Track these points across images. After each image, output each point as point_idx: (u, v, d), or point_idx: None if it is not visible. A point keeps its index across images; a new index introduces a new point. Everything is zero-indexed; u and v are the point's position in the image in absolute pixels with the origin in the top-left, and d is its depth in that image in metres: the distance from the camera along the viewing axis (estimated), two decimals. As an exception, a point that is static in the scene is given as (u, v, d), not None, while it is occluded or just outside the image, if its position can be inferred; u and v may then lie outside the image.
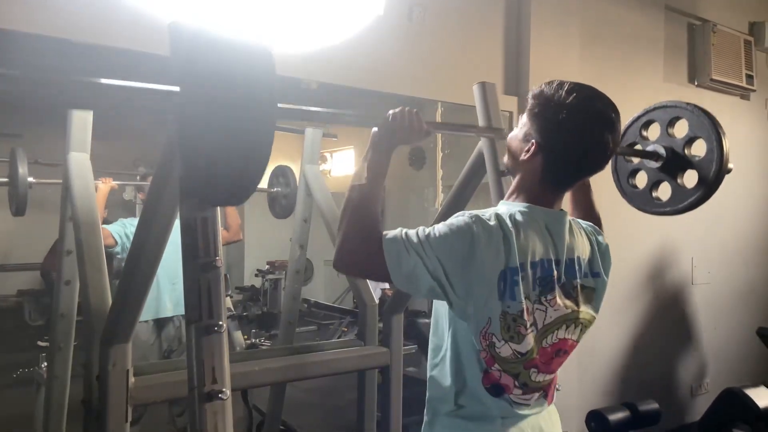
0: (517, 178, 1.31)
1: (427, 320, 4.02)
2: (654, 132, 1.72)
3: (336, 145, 9.19)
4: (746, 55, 4.08)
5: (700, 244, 4.10)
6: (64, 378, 2.35)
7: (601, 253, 1.36)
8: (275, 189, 3.45)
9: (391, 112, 1.28)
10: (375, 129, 1.28)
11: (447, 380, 1.26)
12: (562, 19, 3.21)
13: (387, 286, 6.07)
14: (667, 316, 3.96)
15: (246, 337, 4.55)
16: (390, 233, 1.17)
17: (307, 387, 4.77)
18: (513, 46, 3.16)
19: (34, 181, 2.82)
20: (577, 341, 1.32)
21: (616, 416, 2.96)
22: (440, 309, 1.30)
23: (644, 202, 1.77)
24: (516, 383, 1.23)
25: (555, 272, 1.23)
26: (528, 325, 1.19)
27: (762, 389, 3.10)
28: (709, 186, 1.58)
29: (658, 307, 3.89)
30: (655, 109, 1.72)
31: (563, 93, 1.20)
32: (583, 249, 1.31)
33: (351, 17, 2.15)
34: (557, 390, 1.43)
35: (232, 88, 0.91)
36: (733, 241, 4.31)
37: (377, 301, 2.26)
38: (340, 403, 4.64)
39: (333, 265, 1.21)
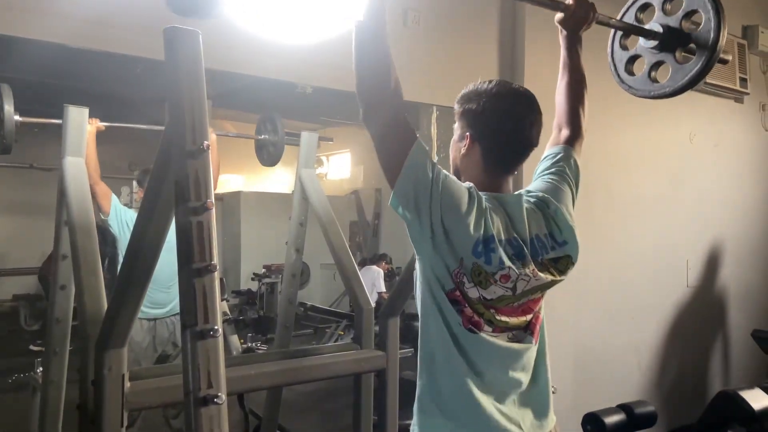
0: (464, 173, 1.40)
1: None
2: (650, 16, 1.71)
3: (332, 148, 9.21)
4: (740, 58, 4.10)
5: (695, 247, 4.12)
6: (59, 383, 2.34)
7: (555, 220, 1.40)
8: (263, 136, 3.45)
9: None
10: None
11: (433, 335, 1.31)
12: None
13: (383, 290, 6.07)
14: (662, 319, 3.97)
15: (242, 341, 4.55)
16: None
17: (303, 391, 4.76)
18: (508, 49, 3.17)
19: (20, 119, 2.67)
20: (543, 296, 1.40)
21: (611, 419, 2.96)
22: (418, 283, 1.35)
23: (643, 86, 1.74)
24: (483, 320, 1.30)
25: (525, 249, 1.31)
26: (498, 279, 1.26)
27: (757, 391, 3.10)
28: (709, 53, 1.56)
29: (653, 310, 3.91)
30: None
31: (480, 85, 1.37)
32: (539, 226, 1.37)
33: (345, 21, 2.15)
34: (553, 392, 1.44)
35: None
36: (728, 244, 4.33)
37: (373, 305, 2.26)
38: (337, 407, 4.63)
39: (363, 117, 1.26)
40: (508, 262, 1.26)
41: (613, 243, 3.63)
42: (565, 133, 1.57)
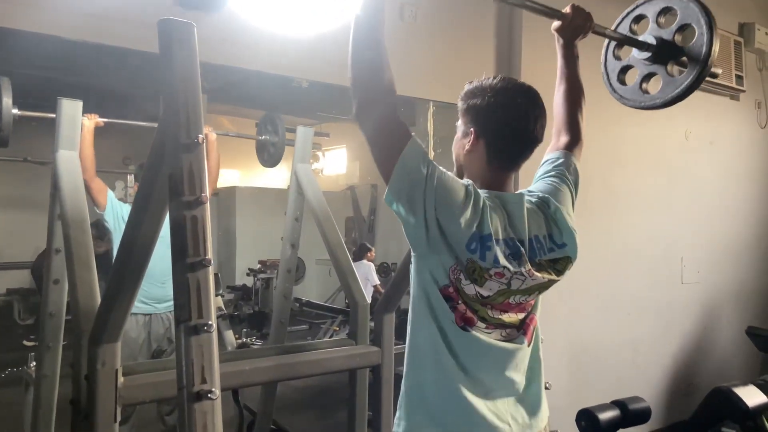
0: (468, 170, 1.39)
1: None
2: (644, 27, 1.73)
3: (328, 143, 9.18)
4: (736, 56, 4.10)
5: (689, 244, 4.12)
6: (53, 378, 2.33)
7: (556, 221, 1.40)
8: (263, 137, 3.44)
9: None
10: None
11: (423, 334, 1.31)
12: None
13: (378, 282, 6.06)
14: (657, 316, 3.98)
15: (237, 336, 4.53)
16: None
17: (298, 386, 4.76)
18: (504, 44, 3.16)
19: (18, 113, 2.69)
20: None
21: (606, 415, 2.97)
22: (414, 276, 1.34)
23: (634, 96, 1.77)
24: (476, 317, 1.30)
25: (522, 249, 1.30)
26: (492, 275, 1.26)
27: (751, 388, 3.11)
28: (700, 67, 1.59)
29: (648, 307, 3.91)
30: (644, 3, 1.73)
31: (485, 81, 1.36)
32: (539, 227, 1.37)
33: (342, 15, 2.14)
34: (547, 388, 1.44)
35: None
36: (723, 241, 4.34)
37: (369, 299, 2.26)
38: (332, 402, 4.63)
39: (356, 113, 1.26)
40: (503, 261, 1.25)
41: (609, 240, 3.63)
42: (565, 139, 1.58)
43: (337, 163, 9.80)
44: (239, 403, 3.48)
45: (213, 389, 0.99)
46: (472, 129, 1.36)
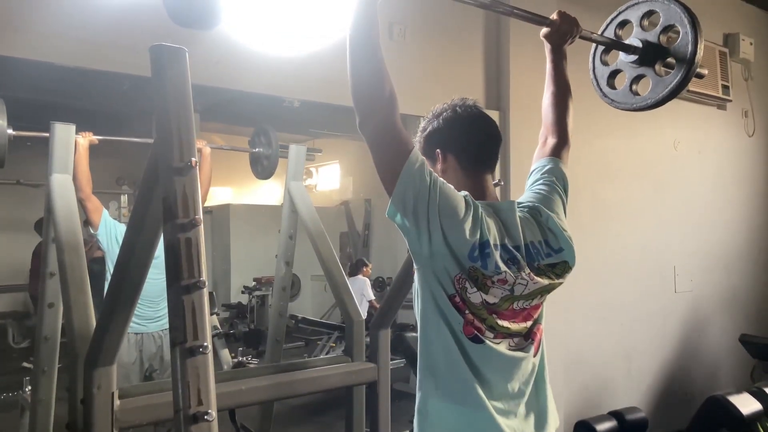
0: None
1: (414, 334, 4.02)
2: (629, 32, 1.76)
3: (321, 159, 9.21)
4: (722, 66, 4.17)
5: (681, 253, 4.15)
6: (48, 401, 2.32)
7: (549, 228, 1.42)
8: (257, 149, 3.46)
9: None
10: None
11: (435, 343, 1.31)
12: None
13: (373, 297, 6.05)
14: (651, 325, 3.99)
15: (233, 355, 4.52)
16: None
17: (295, 403, 4.74)
18: (493, 60, 3.20)
19: (13, 133, 2.67)
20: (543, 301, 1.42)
21: (603, 426, 2.98)
22: (419, 292, 1.35)
23: (625, 99, 1.80)
24: (484, 326, 1.30)
25: (518, 255, 1.32)
26: (495, 282, 1.28)
27: (745, 396, 3.13)
28: (687, 66, 1.61)
29: (642, 316, 3.93)
30: (627, 8, 1.77)
31: (435, 108, 1.48)
32: (533, 234, 1.39)
33: (330, 35, 2.17)
34: None
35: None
36: (714, 249, 4.37)
37: (364, 315, 2.26)
38: (329, 419, 4.61)
39: (359, 125, 1.29)
40: (503, 267, 1.28)
41: (601, 250, 3.65)
42: (552, 141, 1.61)
43: (331, 178, 9.82)
44: (236, 423, 3.46)
45: (209, 411, 0.99)
46: (437, 151, 1.43)
